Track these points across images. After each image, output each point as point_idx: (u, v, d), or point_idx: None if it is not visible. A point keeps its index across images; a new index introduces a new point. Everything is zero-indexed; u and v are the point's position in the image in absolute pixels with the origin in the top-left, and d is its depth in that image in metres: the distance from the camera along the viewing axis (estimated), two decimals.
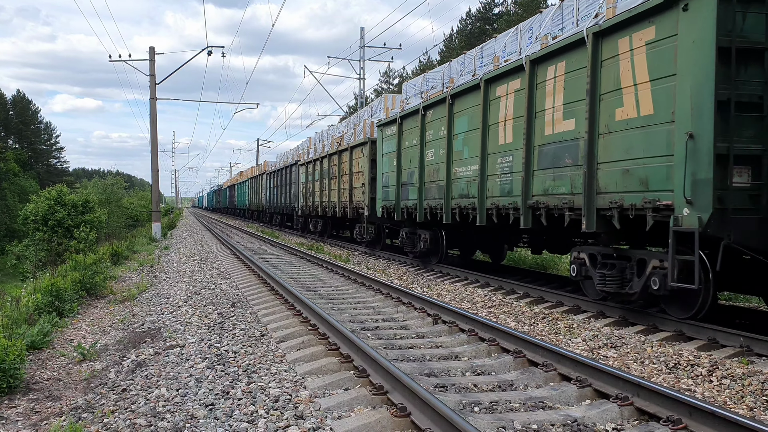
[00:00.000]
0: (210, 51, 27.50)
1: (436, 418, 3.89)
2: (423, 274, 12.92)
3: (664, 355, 6.02)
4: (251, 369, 5.52)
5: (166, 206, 67.73)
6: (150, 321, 8.21)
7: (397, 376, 4.56)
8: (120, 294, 11.13)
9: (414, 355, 6.01)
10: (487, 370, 5.56)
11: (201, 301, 9.51)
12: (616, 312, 7.83)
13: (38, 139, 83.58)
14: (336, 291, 10.52)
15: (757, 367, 5.52)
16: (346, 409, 4.42)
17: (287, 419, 4.24)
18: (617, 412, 4.38)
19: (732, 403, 4.72)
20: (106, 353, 6.88)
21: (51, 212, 22.51)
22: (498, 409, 4.51)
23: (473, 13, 44.19)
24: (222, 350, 6.27)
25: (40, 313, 8.65)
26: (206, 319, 7.99)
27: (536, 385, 5.14)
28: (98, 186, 44.34)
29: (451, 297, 9.91)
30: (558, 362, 5.38)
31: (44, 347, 7.17)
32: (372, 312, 8.52)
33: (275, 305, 8.75)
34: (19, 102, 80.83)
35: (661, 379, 5.35)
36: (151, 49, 27.49)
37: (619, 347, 6.43)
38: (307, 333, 6.80)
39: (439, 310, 7.95)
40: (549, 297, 9.23)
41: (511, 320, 7.98)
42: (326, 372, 5.36)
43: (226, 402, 4.65)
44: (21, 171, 56.57)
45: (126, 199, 48.48)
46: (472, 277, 11.55)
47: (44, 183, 56.14)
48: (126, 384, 5.35)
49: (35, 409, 5.14)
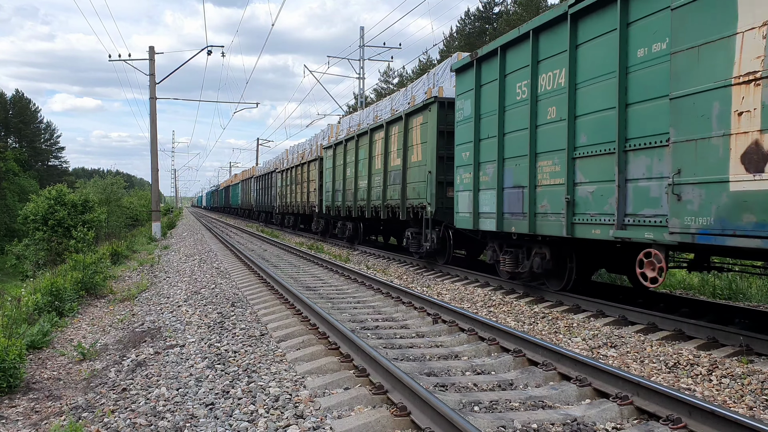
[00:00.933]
0: (210, 50, 27.51)
1: (436, 418, 3.90)
2: (423, 274, 12.93)
3: (663, 355, 6.03)
4: (251, 368, 5.53)
5: (166, 206, 67.76)
6: (150, 320, 8.21)
7: (397, 375, 4.57)
8: (120, 293, 11.13)
9: (414, 355, 6.01)
10: (487, 370, 5.56)
11: (201, 300, 9.52)
12: (616, 311, 7.84)
13: (38, 139, 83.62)
14: (336, 290, 10.52)
15: (756, 366, 5.52)
16: (346, 409, 4.42)
17: (287, 418, 4.25)
18: (617, 411, 4.39)
19: (732, 403, 4.73)
20: (106, 353, 6.89)
21: (51, 212, 22.53)
22: (498, 408, 4.51)
23: (473, 13, 44.19)
24: (222, 350, 6.27)
25: (40, 312, 8.66)
26: (206, 319, 7.99)
27: (536, 384, 5.15)
28: (98, 185, 44.36)
29: (451, 296, 9.92)
30: (558, 361, 5.38)
31: (44, 347, 7.18)
32: (372, 311, 8.53)
33: (275, 304, 8.75)
34: (19, 101, 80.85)
35: (661, 378, 5.35)
36: (151, 49, 27.48)
37: (618, 346, 6.44)
38: (307, 332, 6.80)
39: (438, 310, 7.95)
40: (549, 297, 9.24)
41: (511, 320, 7.98)
42: (326, 371, 5.36)
43: (226, 401, 4.66)
44: (21, 170, 56.56)
45: (126, 198, 48.51)
46: (472, 276, 11.57)
47: (44, 183, 56.16)
48: (126, 383, 5.36)
49: (35, 409, 5.14)
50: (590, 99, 7.67)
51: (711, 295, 9.96)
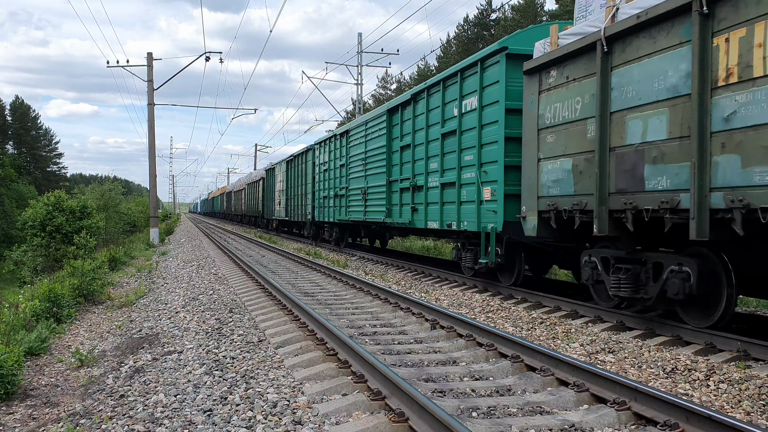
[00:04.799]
0: (208, 57, 27.56)
1: (434, 424, 3.90)
2: (421, 279, 12.93)
3: (661, 360, 6.04)
4: (249, 374, 5.52)
5: (164, 212, 67.67)
6: (148, 327, 8.20)
7: (395, 381, 4.57)
8: (118, 300, 11.12)
9: (412, 361, 6.02)
10: (485, 375, 5.57)
11: (199, 306, 9.51)
12: (614, 317, 7.85)
13: (38, 145, 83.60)
14: (334, 296, 10.52)
15: (754, 372, 5.53)
16: (344, 415, 4.42)
17: (285, 425, 4.25)
18: (614, 416, 4.40)
19: (729, 408, 4.74)
20: (103, 359, 6.88)
21: (49, 218, 22.49)
22: (496, 414, 4.52)
23: (471, 19, 44.33)
24: (220, 356, 6.27)
25: (38, 319, 8.64)
26: (204, 325, 7.98)
27: (534, 390, 5.15)
28: (96, 191, 44.31)
29: (449, 302, 9.92)
30: (556, 367, 5.39)
31: (42, 353, 7.17)
32: (370, 317, 8.53)
33: (273, 310, 8.75)
34: (19, 107, 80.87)
35: (659, 383, 5.36)
36: (149, 55, 27.53)
37: (616, 352, 6.44)
38: (305, 338, 6.80)
39: (437, 315, 7.96)
40: (546, 302, 9.25)
41: (509, 325, 7.99)
42: (324, 377, 5.36)
43: (224, 408, 4.65)
44: (18, 177, 56.48)
45: (123, 204, 48.44)
46: (470, 282, 11.57)
47: (42, 189, 56.09)
48: (124, 390, 5.35)
49: (33, 416, 5.14)
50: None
51: None
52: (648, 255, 7.28)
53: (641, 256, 7.34)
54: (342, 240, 21.64)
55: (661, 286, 6.93)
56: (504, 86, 9.70)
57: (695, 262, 6.59)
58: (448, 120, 11.67)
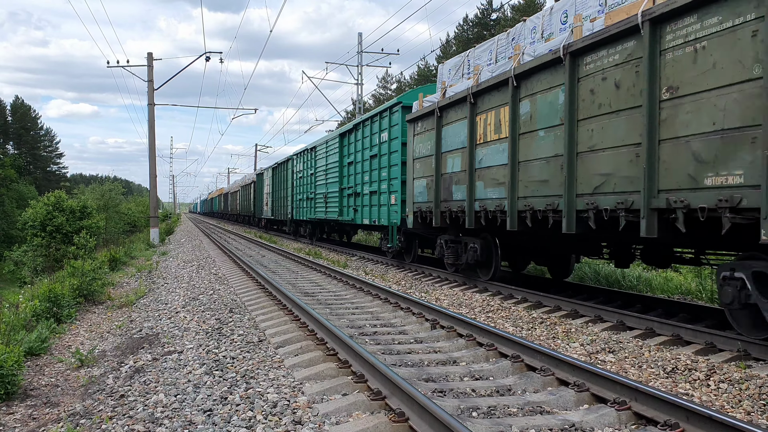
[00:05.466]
0: (208, 57, 27.57)
1: (435, 423, 3.90)
2: (421, 279, 12.94)
3: (661, 360, 6.04)
4: (249, 374, 5.52)
5: (164, 212, 67.73)
6: (148, 327, 8.20)
7: (396, 381, 4.57)
8: (118, 300, 11.12)
9: (412, 360, 6.01)
10: (485, 375, 5.57)
11: (199, 306, 9.51)
12: (614, 316, 7.85)
13: (38, 145, 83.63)
14: (334, 296, 10.52)
15: (754, 371, 5.53)
16: (344, 415, 4.42)
17: (285, 425, 4.25)
18: (615, 416, 4.39)
19: (729, 408, 4.73)
20: (104, 359, 6.88)
21: (49, 218, 22.51)
22: (496, 414, 4.51)
23: (471, 19, 44.35)
24: (220, 356, 6.27)
25: (38, 319, 8.65)
26: (204, 325, 7.98)
27: (534, 389, 5.15)
28: (96, 192, 44.32)
29: (450, 302, 9.92)
30: (556, 367, 5.38)
31: (42, 353, 7.17)
32: (370, 317, 8.53)
33: (273, 310, 8.75)
34: (19, 108, 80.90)
35: (659, 383, 5.36)
36: (149, 55, 27.54)
37: (616, 351, 6.44)
38: (305, 338, 6.80)
39: (437, 315, 7.95)
40: (546, 302, 9.25)
41: (509, 325, 7.98)
42: (324, 377, 5.36)
43: (224, 408, 4.65)
44: (18, 177, 56.49)
45: (124, 204, 48.47)
46: (471, 282, 11.58)
47: (42, 189, 56.11)
48: (124, 390, 5.35)
49: (33, 416, 5.14)
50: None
51: (709, 300, 9.97)
52: (462, 238, 11.84)
53: (460, 239, 11.91)
54: (314, 235, 25.74)
55: (467, 255, 11.41)
56: (400, 127, 14.54)
57: (479, 241, 11.11)
58: (373, 146, 16.40)
